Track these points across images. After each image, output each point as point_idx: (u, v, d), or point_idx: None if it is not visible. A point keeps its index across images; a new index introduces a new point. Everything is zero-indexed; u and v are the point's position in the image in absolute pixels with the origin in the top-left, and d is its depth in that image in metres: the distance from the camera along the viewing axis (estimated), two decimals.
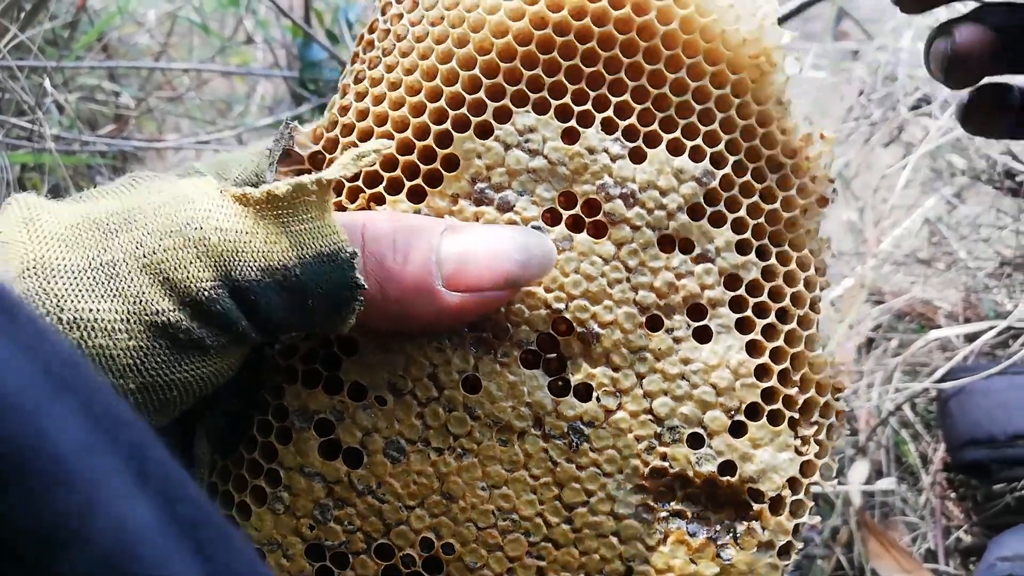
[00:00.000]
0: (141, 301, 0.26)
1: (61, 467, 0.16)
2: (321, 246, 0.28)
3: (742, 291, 0.34)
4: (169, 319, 0.26)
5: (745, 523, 0.34)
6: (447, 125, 0.33)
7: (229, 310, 0.27)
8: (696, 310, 0.34)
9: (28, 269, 0.26)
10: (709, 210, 0.34)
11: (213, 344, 0.27)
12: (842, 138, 1.35)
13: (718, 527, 0.34)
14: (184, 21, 1.48)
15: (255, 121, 1.42)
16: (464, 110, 0.33)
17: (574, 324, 0.33)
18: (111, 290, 0.26)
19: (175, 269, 0.27)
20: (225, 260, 0.27)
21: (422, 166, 0.33)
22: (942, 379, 1.07)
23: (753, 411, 0.34)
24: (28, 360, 0.17)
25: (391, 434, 0.33)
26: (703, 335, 0.34)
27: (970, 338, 1.14)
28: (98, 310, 0.26)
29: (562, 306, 0.33)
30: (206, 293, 0.27)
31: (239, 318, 0.28)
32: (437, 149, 0.33)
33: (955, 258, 1.26)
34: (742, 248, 0.34)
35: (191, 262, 0.27)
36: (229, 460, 0.34)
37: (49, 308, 0.26)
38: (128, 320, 0.26)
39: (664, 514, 0.34)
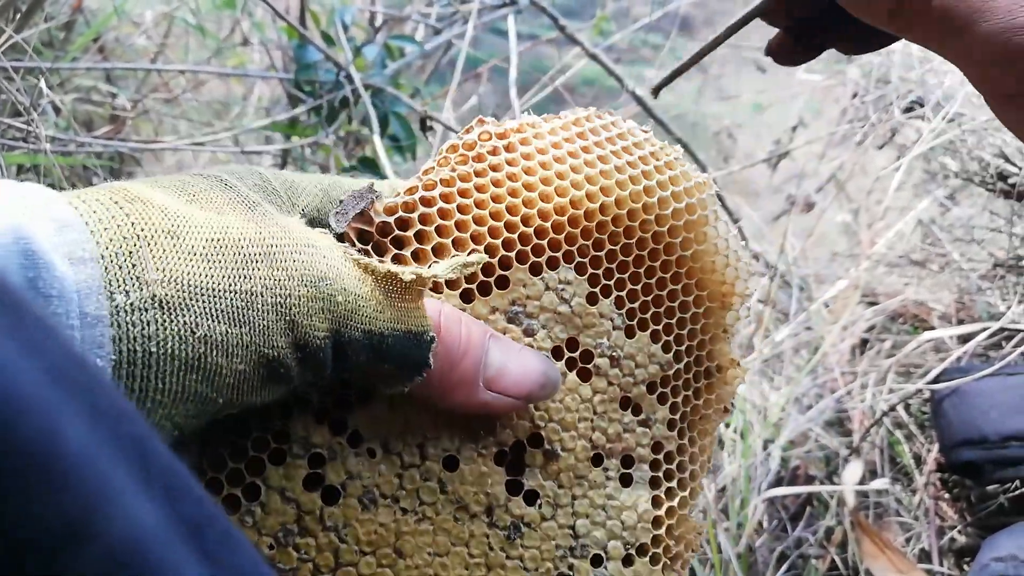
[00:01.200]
0: (265, 335, 0.29)
1: (69, 468, 0.17)
2: (413, 325, 0.32)
3: (661, 456, 0.43)
4: (279, 355, 0.29)
5: None
6: (512, 254, 0.40)
7: (327, 358, 0.30)
8: (627, 460, 0.42)
9: (169, 280, 0.27)
10: (660, 389, 0.43)
11: (296, 380, 0.30)
12: (836, 140, 1.36)
13: None
14: (180, 22, 1.48)
15: (251, 123, 1.42)
16: (528, 248, 0.40)
17: (544, 441, 0.40)
18: (243, 319, 0.28)
19: (302, 316, 0.30)
20: (342, 319, 0.31)
21: (480, 276, 0.39)
22: (935, 380, 1.07)
23: (642, 549, 0.43)
24: (34, 360, 0.17)
25: (370, 484, 0.37)
26: (626, 480, 0.42)
27: (963, 339, 1.15)
28: (228, 333, 0.28)
29: (542, 424, 0.40)
30: (318, 342, 0.30)
31: (328, 365, 0.31)
32: (498, 269, 0.40)
33: (948, 260, 1.27)
34: (670, 425, 0.43)
35: (316, 314, 0.30)
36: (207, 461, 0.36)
37: (187, 322, 0.27)
38: (248, 347, 0.28)
39: None
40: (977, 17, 0.35)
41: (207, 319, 0.27)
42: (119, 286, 0.26)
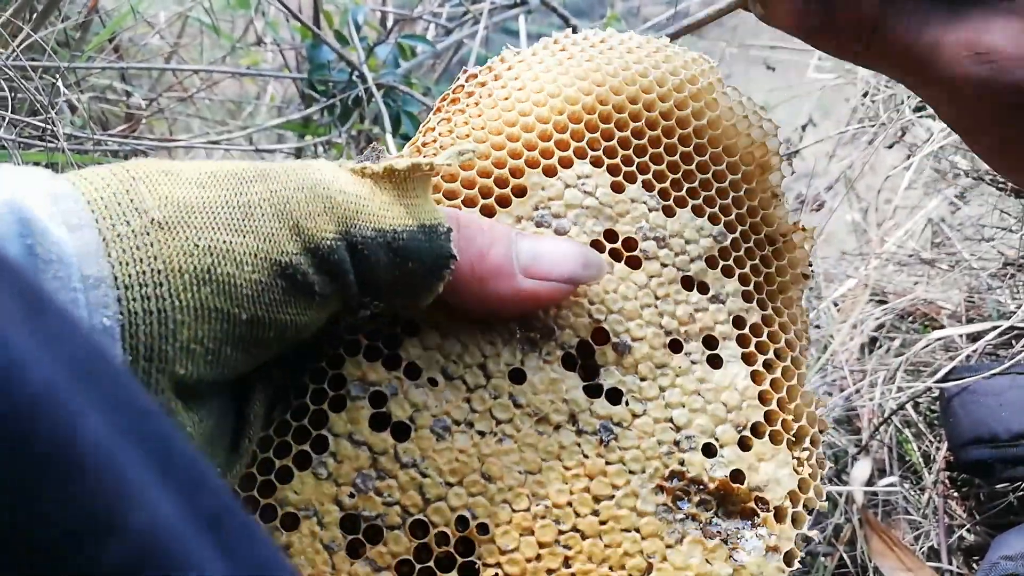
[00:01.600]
0: (272, 241, 0.29)
1: (87, 462, 0.17)
2: (424, 219, 0.32)
3: (746, 330, 0.41)
4: (292, 260, 0.29)
5: (753, 529, 0.38)
6: (521, 162, 0.39)
7: (343, 261, 0.30)
8: (709, 340, 0.40)
9: (166, 204, 0.28)
10: (721, 263, 0.41)
11: (320, 292, 0.30)
12: (846, 139, 1.36)
13: (730, 531, 0.38)
14: (194, 22, 1.49)
15: (265, 122, 1.43)
16: (536, 153, 0.39)
17: (610, 335, 0.38)
18: (246, 227, 0.29)
19: (305, 218, 0.30)
20: (347, 218, 0.31)
21: (496, 189, 0.38)
22: (945, 379, 1.07)
23: (756, 430, 0.39)
24: (53, 352, 0.17)
25: (439, 413, 0.36)
26: (715, 362, 0.40)
27: (973, 338, 1.14)
28: (232, 242, 0.28)
29: (602, 317, 0.38)
30: (328, 243, 0.30)
31: (348, 271, 0.31)
32: (511, 178, 0.39)
33: (958, 258, 1.26)
34: (746, 297, 0.41)
35: (319, 214, 0.30)
36: (270, 429, 0.35)
37: (188, 236, 0.28)
38: (257, 255, 0.29)
39: (681, 516, 0.37)
40: (931, 57, 0.34)
41: (208, 231, 0.28)
42: (120, 218, 0.27)
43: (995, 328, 1.10)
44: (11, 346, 0.16)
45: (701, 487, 0.37)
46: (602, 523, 0.36)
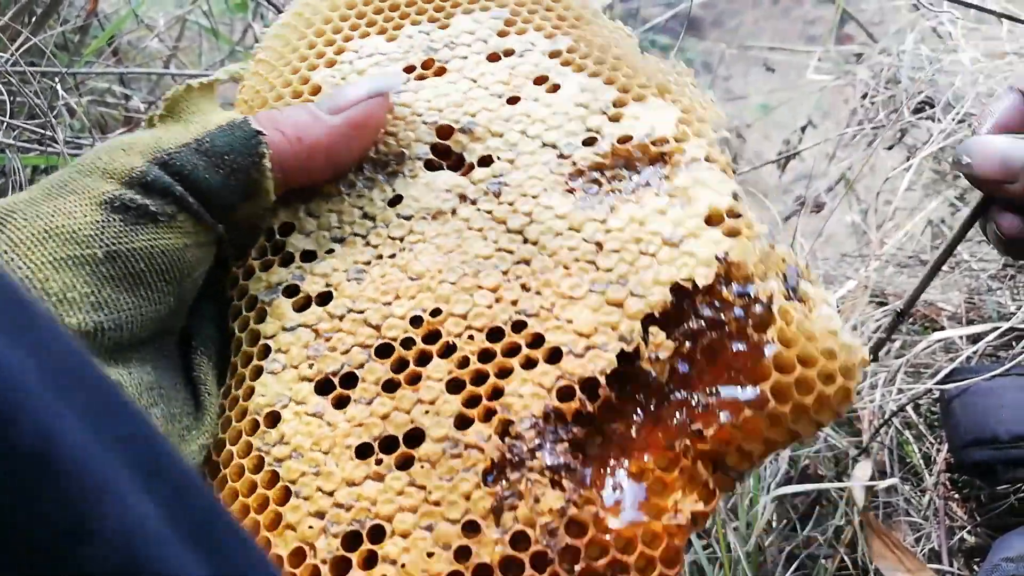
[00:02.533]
0: (88, 189, 0.33)
1: (66, 467, 0.16)
2: (220, 120, 0.36)
3: (564, 54, 0.43)
4: (115, 194, 0.32)
5: (667, 166, 0.37)
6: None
7: (161, 178, 0.33)
8: (538, 79, 0.41)
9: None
10: (512, 29, 0.45)
11: (161, 212, 0.33)
12: (846, 141, 1.36)
13: (651, 177, 0.37)
14: (193, 26, 1.50)
15: None
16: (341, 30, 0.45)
17: (452, 125, 0.40)
18: (64, 191, 0.33)
19: (109, 163, 0.33)
20: (148, 150, 0.34)
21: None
22: (945, 380, 1.07)
23: (616, 104, 0.40)
24: (37, 359, 0.17)
25: (348, 266, 0.37)
26: (553, 88, 0.41)
27: (973, 339, 1.14)
28: (54, 206, 0.32)
29: (436, 117, 0.40)
30: (139, 169, 0.33)
31: (172, 183, 0.33)
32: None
33: (958, 260, 1.26)
34: (548, 36, 0.44)
35: (120, 156, 0.33)
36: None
37: (17, 222, 0.31)
38: (82, 204, 0.32)
39: (601, 194, 0.37)
40: None
41: (33, 210, 0.31)
42: None
43: (995, 329, 1.10)
44: None
45: (601, 168, 0.38)
46: (535, 243, 0.36)
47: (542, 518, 0.31)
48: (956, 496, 1.13)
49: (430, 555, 0.31)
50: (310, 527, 0.32)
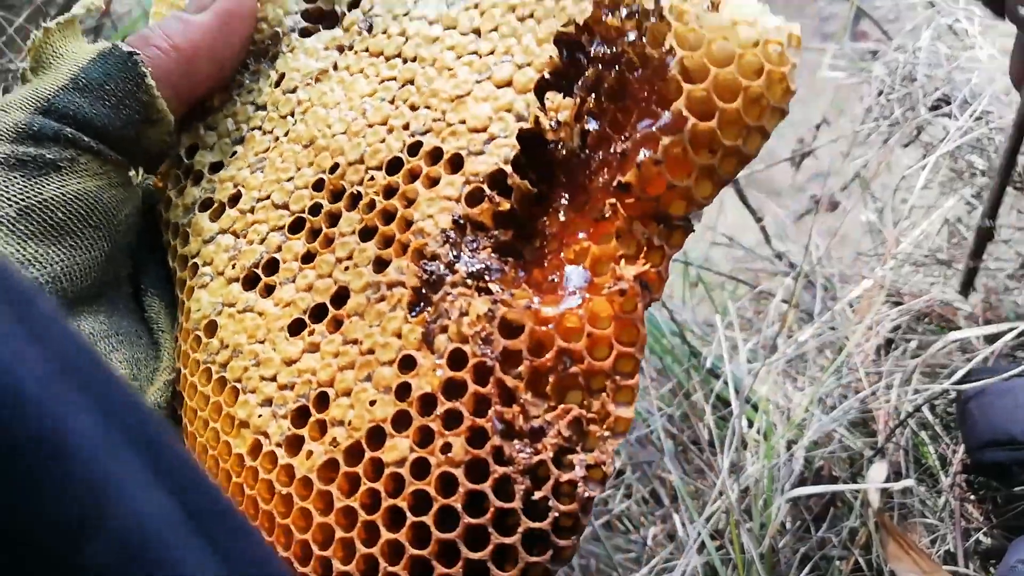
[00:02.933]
0: None
1: (75, 461, 0.17)
2: (90, 54, 0.35)
3: None
4: (8, 153, 0.32)
5: None
6: None
7: (48, 124, 0.33)
8: None
9: None
10: None
11: (60, 159, 0.33)
12: (861, 139, 1.35)
13: None
14: None
15: None
16: None
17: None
18: None
19: (2, 121, 0.33)
20: (27, 101, 0.33)
21: None
22: (962, 380, 1.06)
23: None
24: (43, 352, 0.17)
25: (250, 160, 0.37)
26: None
27: (990, 339, 1.13)
28: None
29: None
30: (23, 123, 0.33)
31: (61, 128, 0.33)
32: None
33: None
34: None
35: (8, 113, 0.33)
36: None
37: None
38: None
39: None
40: None
41: None
42: None
43: (1012, 329, 1.08)
44: None
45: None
46: (414, 59, 0.34)
47: (472, 328, 0.28)
48: (972, 497, 1.12)
49: (372, 403, 0.30)
50: (260, 416, 0.32)
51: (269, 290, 0.35)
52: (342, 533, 0.28)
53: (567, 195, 0.29)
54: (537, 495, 0.27)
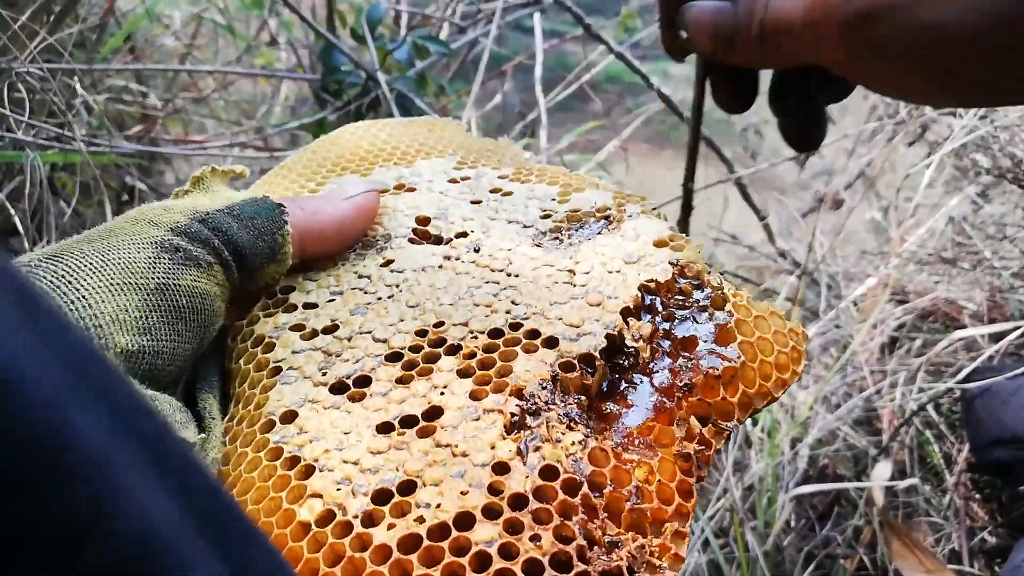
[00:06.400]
0: (138, 233, 0.37)
1: (83, 460, 0.17)
2: (245, 196, 0.41)
3: None
4: (164, 238, 0.37)
5: (614, 222, 0.44)
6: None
7: (203, 231, 0.38)
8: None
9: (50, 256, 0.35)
10: None
11: (203, 259, 0.37)
12: (866, 137, 1.34)
13: (599, 229, 0.44)
14: (209, 23, 1.50)
15: (279, 121, 1.44)
16: None
17: (429, 215, 0.46)
18: (114, 234, 0.37)
19: (155, 216, 0.38)
20: (188, 209, 0.39)
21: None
22: (966, 379, 1.06)
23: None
24: (48, 352, 0.17)
25: (350, 307, 0.41)
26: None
27: (995, 338, 1.13)
28: (110, 243, 0.36)
29: (414, 211, 0.46)
30: (184, 222, 0.38)
31: (212, 236, 0.38)
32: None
33: (980, 257, 1.25)
34: None
35: (163, 213, 0.38)
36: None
37: (71, 260, 0.34)
38: (134, 243, 0.36)
39: (566, 242, 0.44)
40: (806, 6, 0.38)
41: (87, 248, 0.35)
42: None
43: (1017, 328, 1.08)
44: (5, 343, 0.16)
45: (559, 229, 0.45)
46: (516, 275, 0.41)
47: (565, 451, 0.33)
48: (977, 496, 1.12)
49: (464, 493, 0.32)
50: (338, 489, 0.32)
51: (359, 398, 0.36)
52: None
53: (635, 386, 0.37)
54: None
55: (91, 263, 0.34)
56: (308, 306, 0.41)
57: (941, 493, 1.11)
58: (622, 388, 0.36)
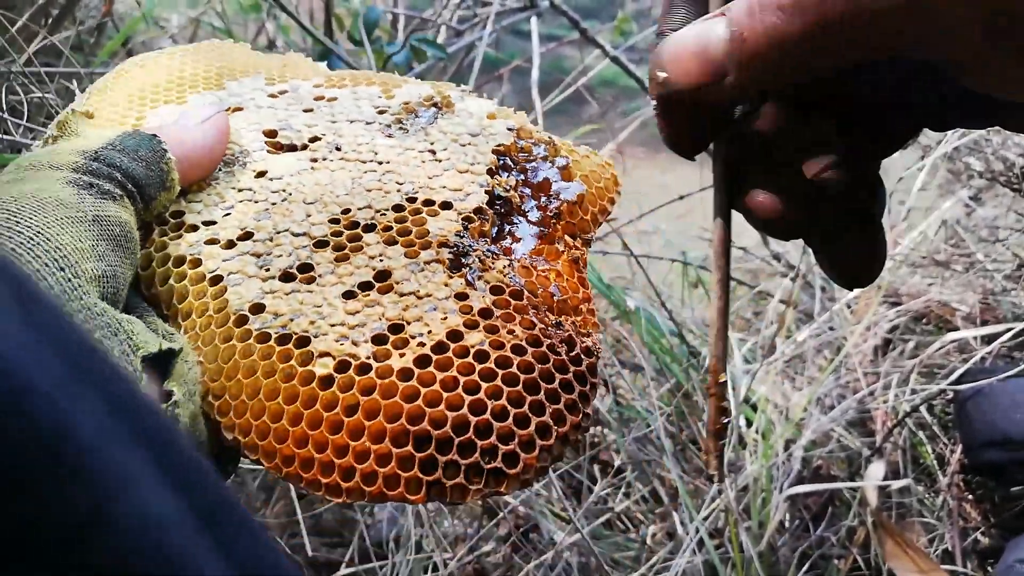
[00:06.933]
0: (49, 176, 0.37)
1: (84, 456, 0.16)
2: (118, 132, 0.41)
3: None
4: (74, 178, 0.37)
5: (443, 108, 0.50)
6: None
7: (101, 168, 0.38)
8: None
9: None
10: None
11: (114, 192, 0.38)
12: None
13: (435, 115, 0.50)
14: (207, 26, 1.50)
15: None
16: None
17: (274, 127, 0.48)
18: (28, 180, 0.37)
19: (50, 160, 0.38)
20: (76, 150, 0.39)
21: None
22: (959, 380, 1.07)
23: None
24: (49, 348, 0.17)
25: (251, 214, 0.43)
26: None
27: (987, 340, 1.14)
28: (34, 186, 0.36)
29: (256, 126, 0.48)
30: (80, 161, 0.38)
31: (112, 171, 0.39)
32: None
33: (973, 260, 1.26)
34: None
35: (56, 156, 0.39)
36: None
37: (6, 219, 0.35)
38: (53, 183, 0.37)
39: (410, 128, 0.49)
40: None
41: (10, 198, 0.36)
42: None
43: (1010, 330, 1.09)
44: (5, 339, 0.16)
45: (400, 120, 0.49)
46: (387, 162, 0.46)
47: (501, 273, 0.41)
48: (970, 497, 1.12)
49: (444, 318, 0.39)
50: (341, 344, 0.38)
51: (310, 281, 0.41)
52: (449, 394, 0.37)
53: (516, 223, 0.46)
54: (574, 352, 0.39)
55: (28, 204, 0.35)
56: (208, 223, 0.43)
57: (934, 494, 1.12)
58: (507, 228, 0.45)
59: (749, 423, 1.09)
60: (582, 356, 0.39)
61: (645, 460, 1.09)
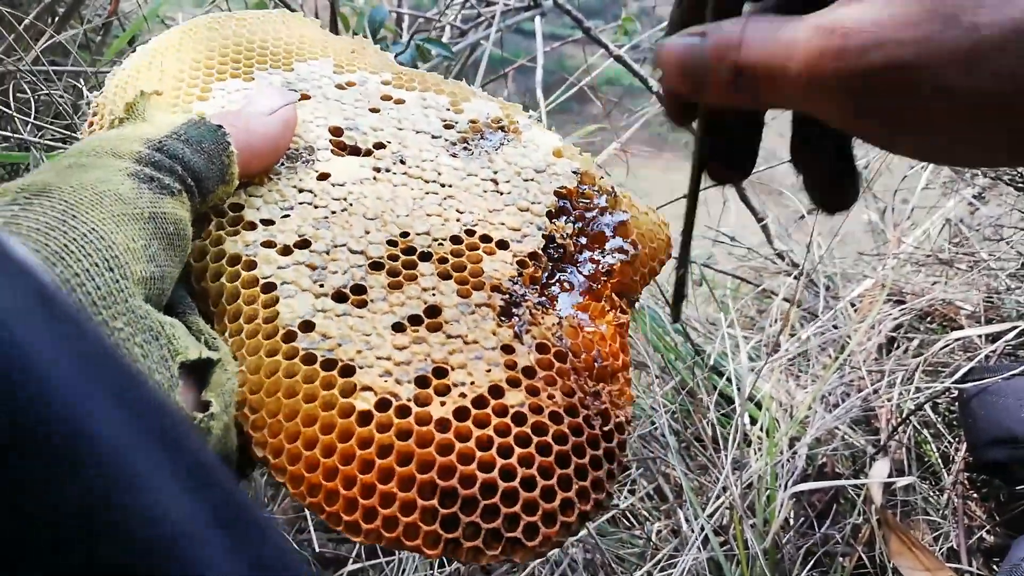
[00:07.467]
0: (110, 165, 0.37)
1: (99, 454, 0.17)
2: (183, 119, 0.41)
3: None
4: (135, 169, 0.37)
5: (510, 132, 0.50)
6: None
7: (163, 160, 0.38)
8: None
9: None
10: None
11: (173, 187, 0.38)
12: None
13: (501, 139, 0.50)
14: None
15: None
16: None
17: (340, 125, 0.47)
18: (89, 168, 0.36)
19: (115, 148, 0.38)
20: (140, 138, 0.38)
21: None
22: (963, 379, 1.07)
23: None
24: (64, 348, 0.17)
25: (310, 221, 0.43)
26: None
27: (992, 338, 1.14)
28: (94, 176, 0.36)
29: (323, 122, 0.47)
30: (144, 151, 0.38)
31: (174, 164, 0.38)
32: None
33: (977, 259, 1.26)
34: None
35: (120, 143, 0.38)
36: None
37: (67, 213, 0.34)
38: (114, 175, 0.36)
39: (475, 150, 0.49)
40: (790, 51, 0.31)
41: (74, 196, 0.35)
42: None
43: (1014, 328, 1.09)
44: (21, 339, 0.16)
45: (465, 139, 0.49)
46: (450, 185, 0.46)
47: (549, 331, 0.41)
48: (975, 495, 1.12)
49: (488, 371, 0.39)
50: (384, 381, 0.38)
51: (362, 305, 0.40)
52: (482, 453, 0.36)
53: (567, 273, 0.45)
54: (608, 427, 0.39)
55: (86, 197, 0.34)
56: (266, 223, 0.42)
57: (939, 492, 1.12)
58: (557, 275, 0.44)
59: (754, 421, 1.10)
60: (614, 432, 0.39)
61: (650, 457, 1.09)
